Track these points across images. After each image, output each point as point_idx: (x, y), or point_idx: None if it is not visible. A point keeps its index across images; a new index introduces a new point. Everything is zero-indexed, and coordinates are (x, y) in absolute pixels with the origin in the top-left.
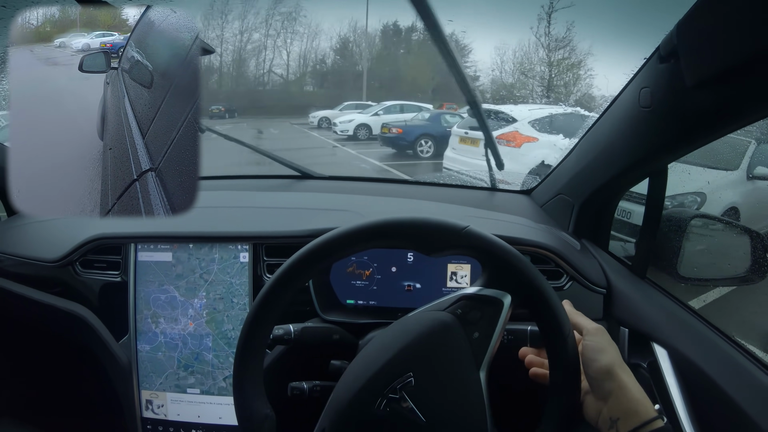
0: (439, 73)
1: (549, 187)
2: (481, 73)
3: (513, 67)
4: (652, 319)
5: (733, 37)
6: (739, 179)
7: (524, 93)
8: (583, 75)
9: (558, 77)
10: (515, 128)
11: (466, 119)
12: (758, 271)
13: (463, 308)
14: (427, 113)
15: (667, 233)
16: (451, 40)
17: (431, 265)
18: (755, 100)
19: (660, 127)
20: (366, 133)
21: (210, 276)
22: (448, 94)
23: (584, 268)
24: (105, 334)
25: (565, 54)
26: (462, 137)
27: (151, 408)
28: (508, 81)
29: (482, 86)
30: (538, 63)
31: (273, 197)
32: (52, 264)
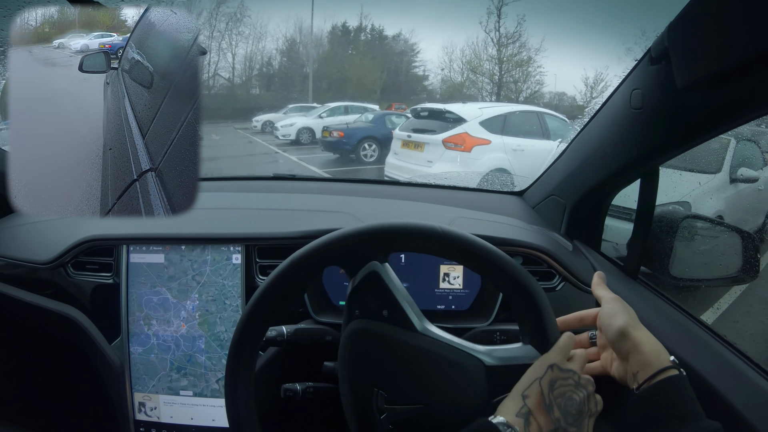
0: (387, 73)
1: (541, 188)
2: (429, 72)
3: (462, 66)
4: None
5: (724, 40)
6: (720, 183)
7: (474, 91)
8: (533, 72)
9: (507, 74)
10: (464, 129)
11: (409, 121)
12: (749, 271)
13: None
14: (371, 114)
15: (658, 234)
16: (400, 39)
17: (423, 266)
18: (746, 102)
19: (651, 129)
20: (309, 137)
21: (202, 278)
22: (397, 94)
23: (576, 269)
24: (97, 337)
25: (515, 50)
26: (404, 141)
27: (143, 410)
28: (457, 79)
29: (431, 85)
30: (487, 60)
31: (265, 198)
32: (44, 266)
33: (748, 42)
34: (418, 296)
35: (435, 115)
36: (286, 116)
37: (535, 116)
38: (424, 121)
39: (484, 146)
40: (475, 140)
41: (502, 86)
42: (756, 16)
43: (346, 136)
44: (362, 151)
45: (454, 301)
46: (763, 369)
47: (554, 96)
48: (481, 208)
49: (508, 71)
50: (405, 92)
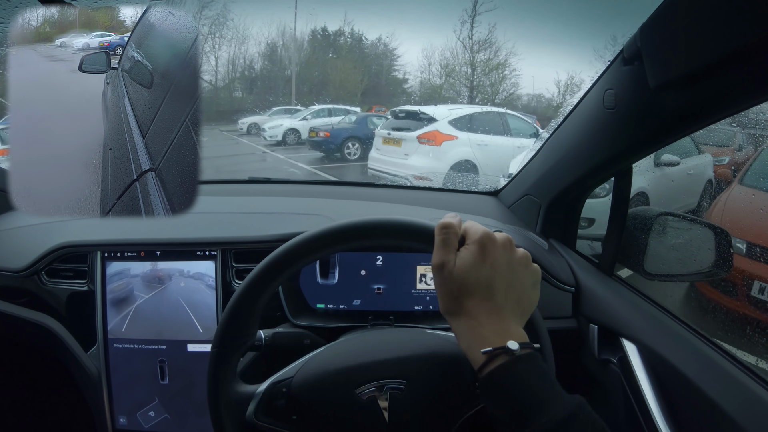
0: (368, 76)
1: (516, 187)
2: (409, 75)
3: (440, 69)
4: (621, 315)
5: (696, 41)
6: (647, 167)
7: (452, 94)
8: (509, 74)
9: (485, 77)
10: (435, 127)
11: (389, 121)
12: (722, 266)
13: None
14: (354, 116)
15: (633, 231)
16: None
17: (400, 268)
18: (717, 101)
19: (624, 128)
20: (295, 138)
21: (178, 283)
22: (377, 97)
23: (553, 268)
24: (73, 345)
25: (490, 55)
26: (385, 138)
27: (122, 419)
28: (436, 82)
29: (411, 88)
30: (463, 64)
31: (240, 202)
32: (17, 274)
33: (718, 43)
34: (395, 298)
35: (411, 116)
36: (271, 118)
37: (498, 116)
38: (401, 121)
39: (452, 141)
40: (444, 136)
41: (479, 89)
42: (726, 18)
43: (331, 136)
44: (346, 150)
45: (432, 301)
46: (739, 361)
47: (532, 97)
48: (457, 209)
49: (485, 74)
50: (385, 95)
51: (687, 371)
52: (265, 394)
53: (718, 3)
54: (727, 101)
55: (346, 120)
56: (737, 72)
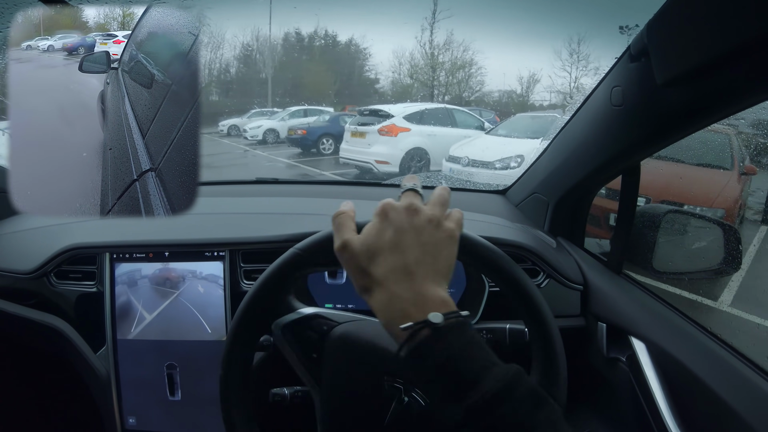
0: (341, 77)
1: (523, 186)
2: (381, 75)
3: (410, 69)
4: (629, 313)
5: (703, 36)
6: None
7: (421, 93)
8: (475, 72)
9: (452, 76)
10: (392, 122)
11: (356, 118)
12: (732, 263)
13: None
14: (328, 116)
15: (641, 229)
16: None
17: None
18: (725, 97)
19: (632, 125)
20: (274, 137)
21: (187, 284)
22: (350, 97)
23: (561, 266)
24: (82, 346)
25: (457, 54)
26: (353, 132)
27: (132, 420)
28: (407, 82)
29: (383, 88)
30: (427, 68)
31: (248, 203)
32: (27, 276)
33: (725, 39)
34: None
35: (373, 113)
36: (250, 120)
37: (445, 111)
38: (365, 118)
39: (406, 132)
40: (400, 129)
41: (448, 87)
42: (732, 13)
43: (308, 134)
44: (321, 146)
45: None
46: (747, 358)
47: (503, 94)
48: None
49: (451, 73)
50: (358, 95)
51: (696, 369)
52: (306, 318)
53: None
54: (734, 97)
55: (321, 119)
56: (744, 67)
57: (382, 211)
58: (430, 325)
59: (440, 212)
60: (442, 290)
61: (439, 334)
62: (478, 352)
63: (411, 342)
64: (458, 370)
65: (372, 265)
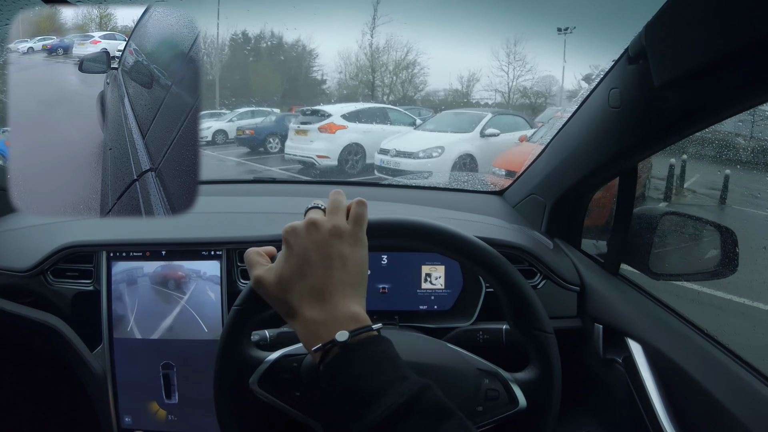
0: (287, 78)
1: (521, 187)
2: (327, 76)
3: (355, 70)
4: (626, 314)
5: (701, 38)
6: (473, 137)
7: (367, 92)
8: (418, 72)
9: (395, 76)
10: (331, 120)
11: (299, 117)
12: (728, 266)
13: (491, 381)
14: (274, 116)
15: (638, 230)
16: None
17: (405, 267)
18: (722, 99)
19: (629, 127)
20: (223, 138)
21: (183, 283)
22: (297, 98)
23: (557, 267)
24: (79, 345)
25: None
26: (296, 130)
27: (128, 419)
28: (353, 83)
29: (329, 89)
30: (368, 70)
31: (245, 202)
32: (23, 273)
33: (723, 41)
34: (399, 297)
35: (314, 113)
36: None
37: (380, 110)
38: (307, 117)
39: (343, 129)
40: (337, 126)
41: (392, 87)
42: (731, 15)
43: (256, 133)
44: (268, 144)
45: (437, 301)
46: (745, 361)
47: (448, 92)
48: (462, 208)
49: (396, 74)
50: (304, 96)
51: (692, 371)
52: (275, 363)
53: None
54: (732, 99)
55: (268, 120)
56: (742, 70)
57: (284, 238)
58: (337, 344)
59: (339, 219)
60: (355, 303)
61: (347, 352)
62: (387, 367)
63: (323, 362)
64: (363, 385)
65: (287, 294)
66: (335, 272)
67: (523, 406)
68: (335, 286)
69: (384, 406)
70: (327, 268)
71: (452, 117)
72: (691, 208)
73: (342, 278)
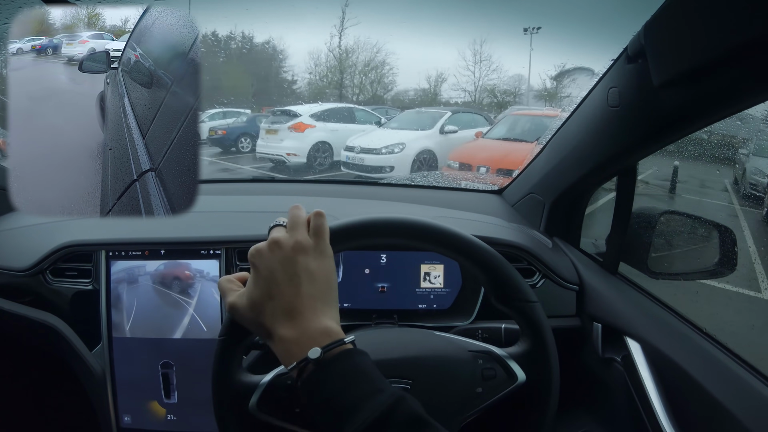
0: (258, 79)
1: (520, 186)
2: (297, 77)
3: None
4: (625, 313)
5: (700, 38)
6: (432, 134)
7: (336, 92)
8: (386, 73)
9: (364, 77)
10: (300, 120)
11: (269, 117)
12: (727, 264)
13: (484, 360)
14: (245, 117)
15: (637, 229)
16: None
17: (404, 266)
18: (721, 99)
19: (628, 126)
20: None
21: (182, 282)
22: (268, 98)
23: (556, 266)
24: (78, 344)
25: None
26: (267, 130)
27: (127, 418)
28: (323, 83)
29: (300, 89)
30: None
31: (244, 201)
32: (22, 273)
33: (723, 40)
34: (398, 296)
35: (284, 113)
36: None
37: (347, 109)
38: (278, 117)
39: (312, 128)
40: (306, 125)
41: (362, 87)
42: (730, 15)
43: (228, 134)
44: (240, 144)
45: (436, 300)
46: (744, 360)
47: (418, 92)
48: (461, 207)
49: (365, 74)
50: (275, 96)
51: (691, 370)
52: (269, 385)
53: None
54: (731, 99)
55: (239, 120)
56: (741, 69)
57: (250, 261)
58: (311, 361)
59: (301, 235)
60: (326, 317)
61: (321, 369)
62: (361, 381)
63: (300, 380)
64: (338, 400)
65: (260, 317)
66: (303, 288)
67: (523, 379)
68: (304, 302)
69: (360, 420)
70: (294, 285)
71: (414, 115)
72: (643, 198)
73: (310, 293)
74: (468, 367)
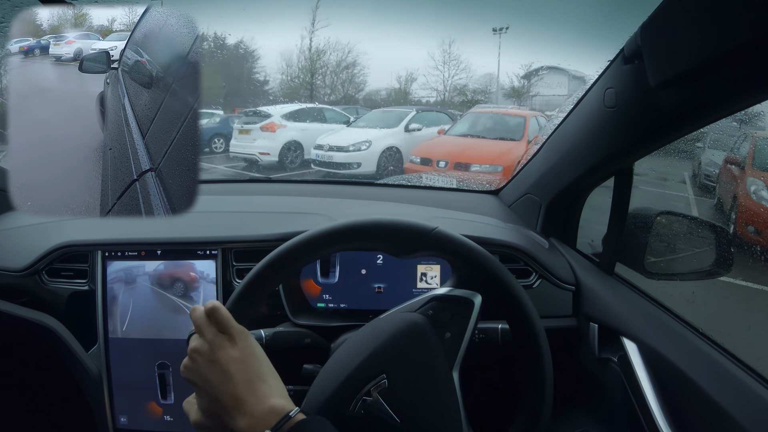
0: (230, 80)
1: (516, 187)
2: (270, 77)
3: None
4: (621, 313)
5: (696, 38)
6: (398, 131)
7: (308, 93)
8: (358, 73)
9: (335, 77)
10: (272, 120)
11: (242, 118)
12: (723, 264)
13: (434, 309)
14: (218, 118)
15: (633, 230)
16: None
17: (401, 267)
18: (718, 100)
19: (625, 127)
20: None
21: (179, 282)
22: (240, 99)
23: (553, 266)
24: (74, 344)
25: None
26: (240, 130)
27: (124, 419)
28: (295, 83)
29: (272, 90)
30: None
31: (240, 201)
32: (18, 273)
33: (719, 41)
34: (395, 297)
35: (256, 114)
36: None
37: (316, 110)
38: (250, 117)
39: (283, 128)
40: (278, 126)
41: (334, 88)
42: (726, 15)
43: (201, 134)
44: (213, 145)
45: None
46: (740, 360)
47: (390, 91)
48: (458, 208)
49: (336, 74)
50: (247, 97)
51: (688, 370)
52: None
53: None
54: (727, 99)
55: (212, 121)
56: (738, 70)
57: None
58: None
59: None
60: (270, 396)
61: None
62: None
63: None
64: None
65: (219, 420)
66: (236, 378)
67: (474, 295)
68: (243, 390)
69: None
70: (227, 379)
71: (381, 114)
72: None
73: (246, 379)
74: (423, 324)
